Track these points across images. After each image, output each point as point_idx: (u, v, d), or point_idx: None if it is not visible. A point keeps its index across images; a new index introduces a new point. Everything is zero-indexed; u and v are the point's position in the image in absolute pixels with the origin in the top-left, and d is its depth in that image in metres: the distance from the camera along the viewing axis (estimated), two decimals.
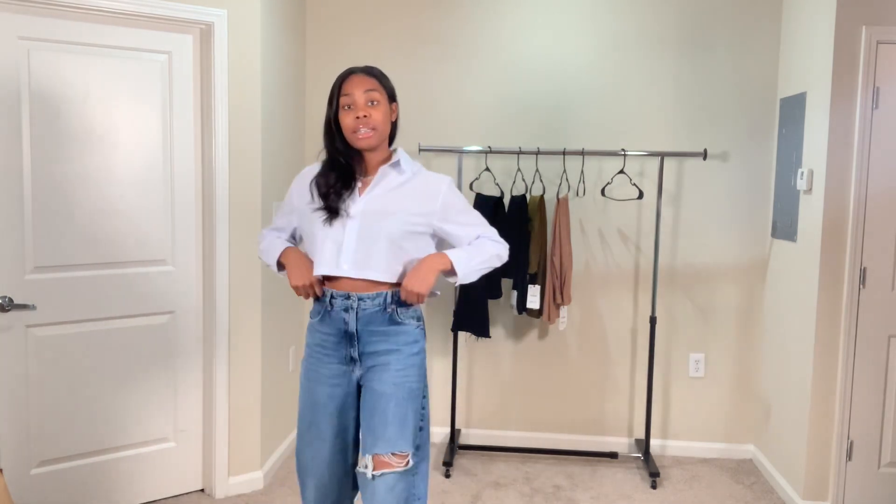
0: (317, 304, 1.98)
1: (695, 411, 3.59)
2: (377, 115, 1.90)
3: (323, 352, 1.96)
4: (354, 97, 1.89)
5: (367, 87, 1.90)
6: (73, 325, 2.69)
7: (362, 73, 1.92)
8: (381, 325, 1.91)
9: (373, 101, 1.90)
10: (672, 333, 3.57)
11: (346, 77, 1.92)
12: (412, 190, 1.95)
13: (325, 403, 1.94)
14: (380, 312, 1.91)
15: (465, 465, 3.43)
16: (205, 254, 2.94)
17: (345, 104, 1.90)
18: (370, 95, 1.90)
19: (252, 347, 3.06)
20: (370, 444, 1.87)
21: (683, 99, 3.46)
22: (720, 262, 3.51)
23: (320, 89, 3.59)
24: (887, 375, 2.90)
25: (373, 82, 1.91)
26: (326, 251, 1.90)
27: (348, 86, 1.90)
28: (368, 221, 1.89)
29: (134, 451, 2.87)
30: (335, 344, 1.94)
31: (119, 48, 2.70)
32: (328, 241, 1.90)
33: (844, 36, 2.81)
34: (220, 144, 2.88)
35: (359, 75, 1.91)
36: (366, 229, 1.89)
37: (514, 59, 3.51)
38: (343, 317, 1.91)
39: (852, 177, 2.84)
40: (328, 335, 1.95)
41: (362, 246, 1.89)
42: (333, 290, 1.92)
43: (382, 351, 1.91)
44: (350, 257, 1.89)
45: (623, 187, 3.47)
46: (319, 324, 1.96)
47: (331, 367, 1.95)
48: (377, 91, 1.91)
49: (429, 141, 3.53)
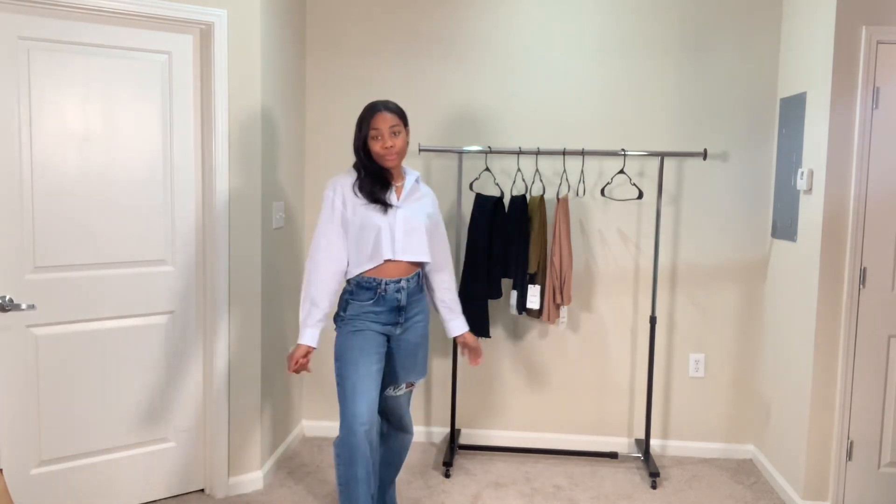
0: (367, 291, 2.46)
1: (695, 411, 3.59)
2: (399, 142, 2.47)
3: (375, 318, 2.47)
4: (381, 131, 2.44)
5: (391, 123, 2.44)
6: (73, 325, 2.69)
7: (386, 110, 2.45)
8: (416, 296, 2.55)
9: (395, 133, 2.45)
10: (672, 333, 3.57)
11: (374, 114, 2.44)
12: (425, 199, 2.61)
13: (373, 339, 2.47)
14: (416, 286, 2.54)
15: (465, 465, 3.43)
16: (205, 254, 2.94)
17: (375, 136, 2.44)
18: (394, 129, 2.45)
19: (252, 347, 3.06)
20: (404, 375, 2.59)
21: (683, 99, 3.46)
22: (720, 262, 3.51)
23: (320, 89, 3.59)
24: (887, 375, 2.90)
25: (395, 118, 2.46)
26: (383, 242, 2.44)
27: (376, 121, 2.44)
28: (407, 218, 2.48)
29: (134, 451, 2.87)
30: (386, 313, 2.48)
31: (119, 48, 2.70)
32: (382, 233, 2.44)
33: (844, 36, 2.81)
34: (220, 144, 2.88)
35: (383, 113, 2.45)
36: (407, 225, 2.48)
37: (514, 58, 3.51)
38: (396, 297, 2.47)
39: (852, 177, 2.84)
40: (380, 311, 2.47)
41: (407, 238, 2.48)
42: (385, 278, 2.45)
43: (416, 313, 2.56)
44: (400, 246, 2.47)
45: (623, 187, 3.47)
46: (373, 304, 2.46)
47: (379, 325, 2.48)
48: (398, 125, 2.47)
49: (429, 141, 3.53)
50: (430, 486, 3.18)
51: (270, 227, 3.17)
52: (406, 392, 2.64)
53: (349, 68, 3.58)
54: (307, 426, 3.76)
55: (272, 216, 3.18)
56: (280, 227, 3.29)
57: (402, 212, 2.49)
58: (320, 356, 3.62)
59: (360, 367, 2.41)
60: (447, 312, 2.67)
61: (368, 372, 2.42)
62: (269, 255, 3.17)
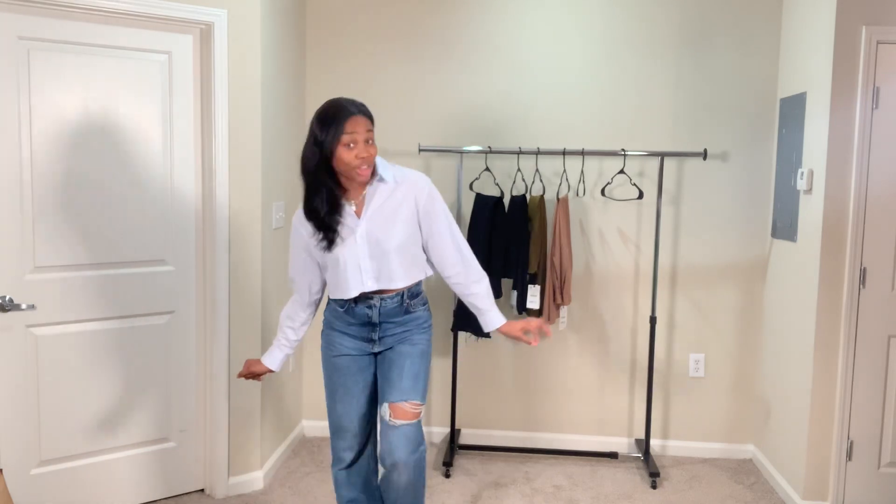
0: (335, 302, 2.22)
1: (695, 411, 3.59)
2: (374, 151, 2.09)
3: (346, 329, 2.22)
4: (356, 136, 2.04)
5: (366, 127, 2.07)
6: (73, 325, 2.69)
7: (360, 113, 2.07)
8: (397, 317, 2.20)
9: (369, 140, 2.08)
10: (672, 333, 3.57)
11: (349, 117, 2.04)
12: (402, 199, 2.15)
13: (349, 366, 2.23)
14: (397, 307, 2.20)
15: (465, 465, 3.43)
16: (205, 254, 2.94)
17: (348, 142, 2.04)
18: (368, 135, 2.07)
19: (252, 347, 3.06)
20: (387, 392, 2.16)
21: (683, 99, 3.46)
22: (720, 262, 3.51)
23: (320, 89, 3.59)
24: (887, 375, 2.90)
25: (369, 123, 2.09)
26: (350, 275, 2.13)
27: (352, 125, 2.04)
28: (375, 240, 2.12)
29: (134, 451, 2.87)
30: (358, 327, 2.22)
31: (119, 48, 2.70)
32: (348, 266, 2.12)
33: (844, 36, 2.81)
34: (220, 144, 2.88)
35: (358, 116, 2.06)
36: (375, 248, 2.12)
37: (514, 58, 3.51)
38: (366, 312, 2.19)
39: (852, 177, 2.84)
40: (352, 322, 2.21)
41: (376, 264, 2.13)
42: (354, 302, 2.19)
43: (399, 332, 2.22)
44: (371, 276, 2.14)
45: (623, 187, 3.47)
46: (344, 313, 2.21)
47: (353, 341, 2.23)
48: (371, 130, 2.09)
49: (429, 141, 3.53)
50: (430, 486, 3.18)
51: (270, 227, 3.17)
52: (400, 427, 2.11)
53: (349, 68, 3.58)
54: (307, 426, 3.76)
55: (272, 216, 3.18)
56: (280, 228, 3.29)
57: (364, 229, 2.11)
58: (319, 356, 3.62)
59: (344, 399, 2.25)
60: (476, 313, 2.30)
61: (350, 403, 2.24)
62: (269, 255, 3.17)
